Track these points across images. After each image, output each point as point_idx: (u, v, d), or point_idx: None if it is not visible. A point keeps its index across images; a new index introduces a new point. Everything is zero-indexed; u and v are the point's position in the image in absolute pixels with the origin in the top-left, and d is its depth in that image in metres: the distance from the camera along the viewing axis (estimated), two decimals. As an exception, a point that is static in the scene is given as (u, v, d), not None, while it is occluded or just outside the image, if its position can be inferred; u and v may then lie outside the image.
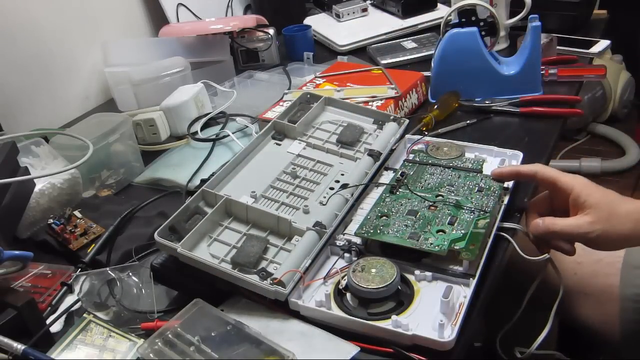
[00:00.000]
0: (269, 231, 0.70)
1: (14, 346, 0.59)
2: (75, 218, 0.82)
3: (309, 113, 0.87)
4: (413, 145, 0.85)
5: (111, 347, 0.63)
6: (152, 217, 0.84)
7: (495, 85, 0.99)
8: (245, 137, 1.00)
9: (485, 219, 0.69)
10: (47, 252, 0.80)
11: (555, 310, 0.71)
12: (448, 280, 0.64)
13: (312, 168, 0.80)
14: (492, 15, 0.98)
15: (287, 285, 0.62)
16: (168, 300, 0.70)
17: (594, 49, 1.19)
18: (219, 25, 1.29)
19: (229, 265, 0.65)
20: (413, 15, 1.36)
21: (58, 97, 1.20)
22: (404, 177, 0.78)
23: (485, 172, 0.78)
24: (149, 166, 0.98)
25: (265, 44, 1.29)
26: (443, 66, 1.00)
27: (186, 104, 1.04)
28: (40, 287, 0.72)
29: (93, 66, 1.25)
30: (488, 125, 0.96)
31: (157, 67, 1.13)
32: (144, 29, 1.40)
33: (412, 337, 0.57)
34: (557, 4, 1.25)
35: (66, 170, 0.81)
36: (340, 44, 1.32)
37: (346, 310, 0.61)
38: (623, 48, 2.28)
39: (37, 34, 1.14)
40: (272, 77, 1.18)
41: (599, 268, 0.81)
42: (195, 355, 0.57)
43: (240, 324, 0.60)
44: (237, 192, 0.74)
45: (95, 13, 1.26)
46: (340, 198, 0.74)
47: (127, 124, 0.95)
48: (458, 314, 0.59)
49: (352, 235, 0.70)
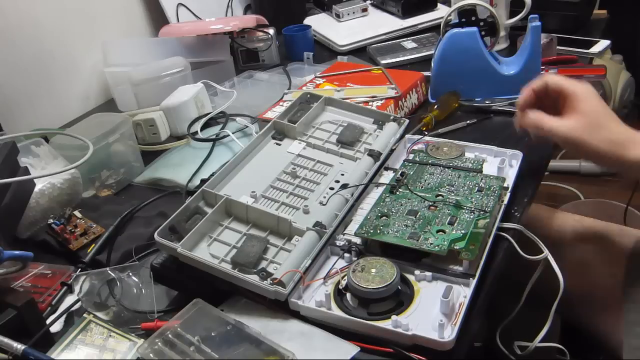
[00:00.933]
0: (269, 231, 0.70)
1: (14, 346, 0.59)
2: (75, 218, 0.82)
3: (309, 113, 0.87)
4: (413, 145, 0.85)
5: (111, 347, 0.63)
6: (152, 217, 0.84)
7: (495, 85, 0.99)
8: (245, 137, 1.00)
9: (485, 219, 0.69)
10: (47, 252, 0.80)
11: (554, 308, 0.71)
12: (448, 280, 0.64)
13: (312, 168, 0.80)
14: (492, 15, 0.98)
15: (287, 285, 0.62)
16: (168, 300, 0.70)
17: (594, 49, 1.19)
18: (219, 25, 1.29)
19: (229, 265, 0.65)
20: (413, 15, 1.36)
21: (58, 97, 1.20)
22: (404, 177, 0.78)
23: (485, 172, 0.78)
24: (149, 166, 0.98)
25: (265, 44, 1.29)
26: (443, 66, 1.00)
27: (186, 104, 1.04)
28: (40, 287, 0.72)
29: (93, 66, 1.25)
30: (488, 125, 0.96)
31: (157, 67, 1.13)
32: (144, 29, 1.40)
33: (412, 337, 0.57)
34: (557, 4, 1.25)
35: (66, 170, 0.81)
36: (340, 44, 1.32)
37: (346, 310, 0.61)
38: (623, 48, 2.27)
39: (37, 34, 1.14)
40: (272, 77, 1.18)
41: (601, 270, 0.81)
42: (195, 355, 0.57)
43: (240, 324, 0.60)
44: (237, 192, 0.74)
45: (95, 13, 1.26)
46: (340, 198, 0.74)
47: (127, 124, 0.95)
48: (458, 314, 0.59)
49: (352, 235, 0.70)
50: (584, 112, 0.67)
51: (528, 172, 0.81)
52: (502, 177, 0.76)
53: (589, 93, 0.69)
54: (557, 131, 0.69)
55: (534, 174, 0.82)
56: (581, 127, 0.67)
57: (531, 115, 0.71)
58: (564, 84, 0.71)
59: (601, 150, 0.66)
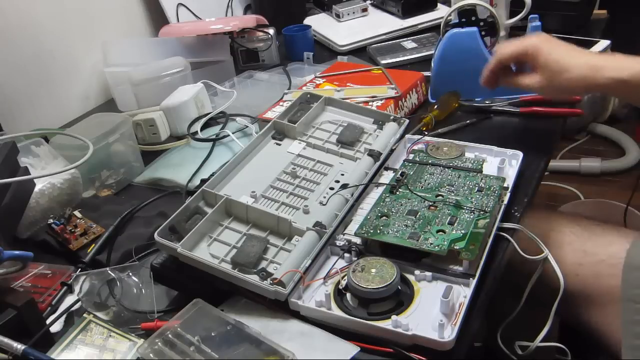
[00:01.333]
0: (269, 231, 0.70)
1: (14, 346, 0.59)
2: (75, 218, 0.82)
3: (309, 113, 0.87)
4: (413, 145, 0.85)
5: (111, 347, 0.63)
6: (152, 217, 0.84)
7: (495, 85, 0.99)
8: (245, 137, 1.00)
9: (485, 219, 0.69)
10: (47, 252, 0.80)
11: (555, 308, 0.71)
12: (448, 280, 0.64)
13: (312, 168, 0.80)
14: (492, 15, 0.98)
15: (287, 285, 0.62)
16: (168, 300, 0.70)
17: (594, 49, 1.18)
18: (219, 25, 1.29)
19: (229, 265, 0.65)
20: (413, 15, 1.36)
21: (58, 97, 1.20)
22: (404, 177, 0.78)
23: (485, 172, 0.78)
24: (149, 166, 0.98)
25: (265, 44, 1.29)
26: (443, 66, 1.00)
27: (186, 104, 1.04)
28: (40, 287, 0.72)
29: (93, 66, 1.25)
30: (488, 125, 0.96)
31: (157, 67, 1.13)
32: (144, 29, 1.40)
33: (412, 337, 0.57)
34: (557, 4, 1.25)
35: (66, 170, 0.81)
36: (340, 44, 1.32)
37: (346, 310, 0.61)
38: (623, 48, 2.27)
39: (37, 34, 1.14)
40: (272, 77, 1.18)
41: (601, 269, 0.81)
42: (195, 355, 0.57)
43: (240, 324, 0.60)
44: (237, 192, 0.74)
45: (95, 13, 1.26)
46: (340, 198, 0.74)
47: (127, 124, 0.95)
48: (458, 314, 0.59)
49: (352, 235, 0.70)
50: (545, 65, 0.75)
51: (528, 172, 0.82)
52: (502, 177, 0.76)
53: (545, 44, 0.76)
54: (530, 88, 0.79)
55: (534, 174, 0.82)
56: (545, 79, 0.76)
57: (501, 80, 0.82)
58: (512, 49, 0.78)
59: (573, 76, 0.74)
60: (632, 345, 0.77)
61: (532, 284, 0.72)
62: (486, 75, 0.83)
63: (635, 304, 0.77)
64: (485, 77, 0.84)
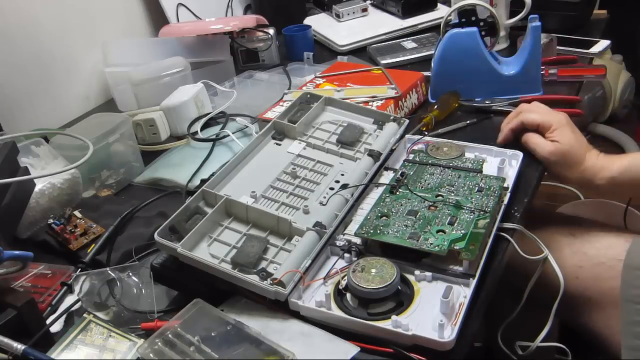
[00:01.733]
0: (269, 231, 0.70)
1: (14, 346, 0.59)
2: (75, 218, 0.82)
3: (309, 113, 0.87)
4: (413, 145, 0.85)
5: (111, 347, 0.63)
6: (152, 217, 0.84)
7: (495, 85, 0.99)
8: (245, 137, 1.00)
9: (485, 219, 0.69)
10: (47, 252, 0.80)
11: (555, 309, 0.71)
12: (448, 280, 0.64)
13: (312, 168, 0.80)
14: (492, 15, 0.98)
15: (287, 286, 0.62)
16: (168, 300, 0.70)
17: (594, 49, 1.19)
18: (219, 25, 1.29)
19: (229, 265, 0.65)
20: (413, 15, 1.36)
21: (58, 97, 1.20)
22: (404, 177, 0.78)
23: (485, 172, 0.78)
24: (149, 166, 0.98)
25: (265, 44, 1.29)
26: (443, 66, 1.00)
27: (186, 104, 1.04)
28: (40, 287, 0.72)
29: (93, 66, 1.25)
30: (488, 125, 0.96)
31: (157, 67, 1.13)
32: (144, 29, 1.40)
33: (412, 337, 0.57)
34: (557, 4, 1.25)
35: (66, 170, 0.81)
36: (340, 44, 1.32)
37: (346, 310, 0.61)
38: (623, 48, 2.27)
39: (37, 34, 1.14)
40: (272, 77, 1.18)
41: (600, 271, 0.81)
42: (195, 355, 0.57)
43: (240, 324, 0.60)
44: (237, 192, 0.74)
45: (95, 13, 1.26)
46: (340, 198, 0.74)
47: (127, 124, 0.95)
48: (458, 314, 0.59)
49: (352, 235, 0.70)
50: (561, 142, 0.80)
51: (528, 172, 0.82)
52: (502, 177, 0.76)
53: (562, 123, 0.81)
54: (541, 149, 0.81)
55: (533, 174, 0.82)
56: (559, 153, 0.80)
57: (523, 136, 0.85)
58: (538, 120, 0.82)
59: (573, 179, 0.81)
60: (632, 346, 0.77)
61: (532, 285, 0.72)
62: (506, 133, 0.86)
63: (635, 305, 0.77)
64: (505, 134, 0.86)
